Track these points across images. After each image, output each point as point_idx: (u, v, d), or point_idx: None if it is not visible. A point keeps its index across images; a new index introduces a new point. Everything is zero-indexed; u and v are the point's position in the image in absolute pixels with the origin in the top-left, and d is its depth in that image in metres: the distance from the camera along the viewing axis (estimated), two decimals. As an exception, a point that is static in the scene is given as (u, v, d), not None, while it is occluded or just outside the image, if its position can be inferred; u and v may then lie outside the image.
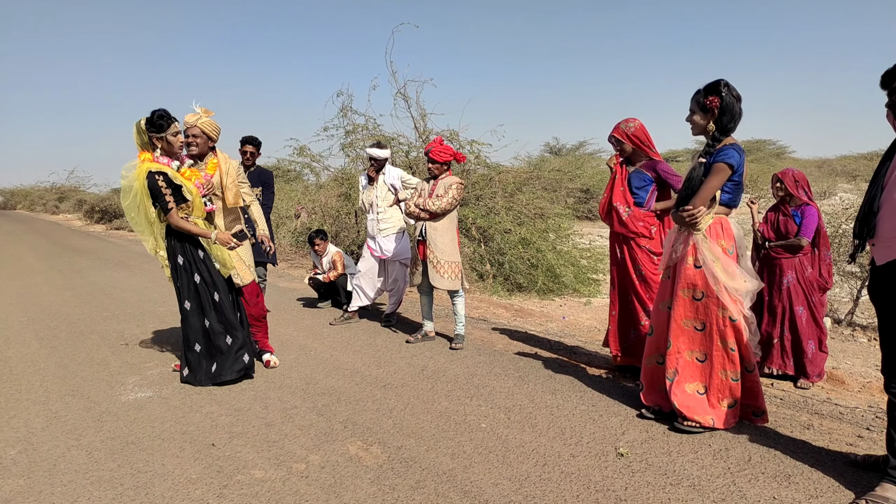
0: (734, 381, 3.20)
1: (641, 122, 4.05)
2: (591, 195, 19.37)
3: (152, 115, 3.92)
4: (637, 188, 4.04)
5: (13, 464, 3.00)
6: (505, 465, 2.91)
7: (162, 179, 3.88)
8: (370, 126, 9.85)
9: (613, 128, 4.09)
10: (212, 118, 4.32)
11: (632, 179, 4.06)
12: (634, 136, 4.01)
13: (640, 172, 4.03)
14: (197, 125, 4.24)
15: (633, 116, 4.07)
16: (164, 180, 3.88)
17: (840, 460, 2.89)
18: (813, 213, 4.21)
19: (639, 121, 4.05)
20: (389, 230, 5.60)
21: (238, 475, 2.85)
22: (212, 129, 4.30)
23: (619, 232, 4.09)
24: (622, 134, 4.04)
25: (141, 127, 3.93)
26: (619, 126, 4.07)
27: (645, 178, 4.02)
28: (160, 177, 3.87)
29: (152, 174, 3.87)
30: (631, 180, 4.06)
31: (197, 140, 4.26)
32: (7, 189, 48.53)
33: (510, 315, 6.65)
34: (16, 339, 5.48)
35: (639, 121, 4.05)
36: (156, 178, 3.87)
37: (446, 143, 5.00)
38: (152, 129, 3.92)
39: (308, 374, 4.37)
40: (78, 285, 8.61)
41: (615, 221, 4.08)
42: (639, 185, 4.03)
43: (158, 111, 3.94)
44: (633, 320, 4.13)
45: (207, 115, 4.29)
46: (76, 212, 30.58)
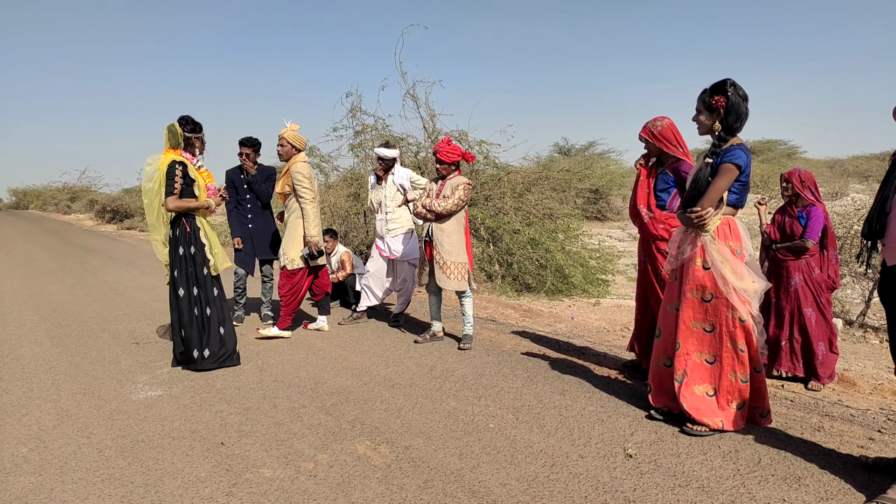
0: (743, 383, 3.18)
1: (671, 121, 3.90)
2: (600, 196, 19.31)
3: (185, 119, 4.49)
4: (660, 190, 3.91)
5: (25, 461, 3.03)
6: (513, 465, 2.91)
7: (180, 169, 4.37)
8: (379, 126, 9.87)
9: (642, 128, 3.99)
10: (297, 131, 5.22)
11: (657, 181, 3.95)
12: (661, 135, 3.86)
13: (665, 174, 3.91)
14: (283, 136, 5.14)
15: (663, 115, 3.93)
16: (181, 170, 4.38)
17: (851, 463, 2.87)
18: (819, 214, 4.17)
19: (668, 119, 3.91)
20: (398, 230, 5.61)
21: (247, 474, 2.87)
22: (296, 140, 5.19)
23: (642, 234, 4.05)
24: (649, 133, 3.90)
25: (176, 128, 4.44)
26: (647, 125, 3.95)
27: (668, 179, 3.89)
28: (179, 166, 4.38)
29: (174, 162, 4.38)
30: (657, 182, 3.96)
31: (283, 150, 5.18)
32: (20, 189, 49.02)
33: (519, 315, 6.64)
34: (28, 338, 5.54)
35: (668, 119, 3.91)
36: (175, 165, 4.37)
37: (455, 144, 5.00)
38: (189, 129, 4.49)
39: (317, 373, 4.39)
40: (89, 284, 8.68)
41: (640, 223, 4.04)
42: (662, 187, 3.91)
43: (185, 117, 4.51)
44: (654, 324, 4.08)
45: (294, 129, 5.20)
46: (88, 212, 30.81)
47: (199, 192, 4.49)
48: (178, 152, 4.44)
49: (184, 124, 4.45)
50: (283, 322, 5.37)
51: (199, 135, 4.53)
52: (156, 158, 4.45)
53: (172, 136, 4.43)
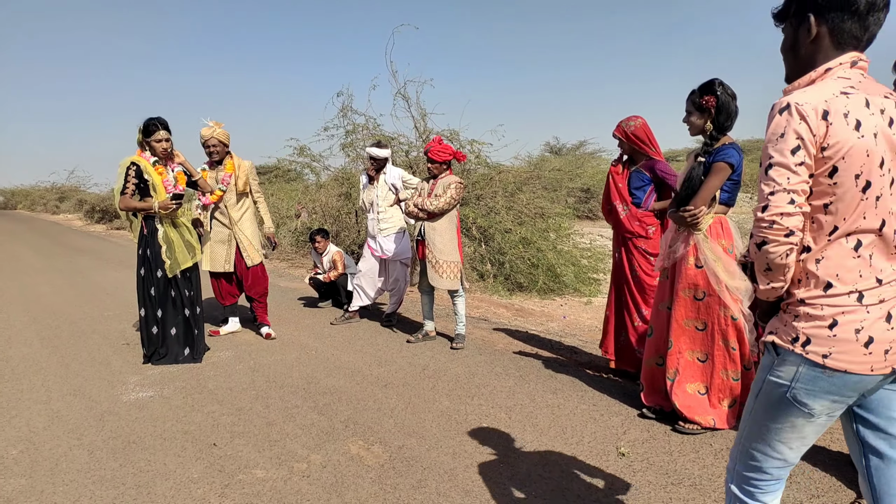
0: (735, 381, 3.20)
1: (644, 121, 3.97)
2: (591, 195, 19.36)
3: (148, 122, 4.50)
4: (635, 188, 3.98)
5: (15, 463, 3.01)
6: (506, 464, 2.91)
7: (133, 170, 4.46)
8: (370, 126, 9.86)
9: (616, 125, 4.04)
10: (223, 128, 5.17)
11: (631, 179, 4.02)
12: (633, 134, 3.92)
13: (640, 172, 3.97)
14: (214, 136, 5.09)
15: (637, 115, 4.01)
16: (134, 171, 4.47)
17: (842, 460, 2.89)
18: None
19: (641, 119, 3.97)
20: (390, 230, 5.60)
21: (240, 474, 2.86)
22: (226, 137, 5.18)
23: (618, 231, 4.08)
24: (622, 132, 3.98)
25: (139, 129, 4.53)
26: (620, 124, 4.02)
27: (643, 177, 3.96)
28: (133, 167, 4.47)
29: (131, 164, 4.48)
30: (631, 180, 4.03)
31: (216, 148, 5.13)
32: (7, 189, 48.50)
33: (511, 315, 6.65)
34: (17, 339, 5.49)
35: (641, 119, 3.97)
36: (130, 167, 4.47)
37: (446, 143, 5.00)
38: (143, 132, 4.53)
39: (309, 373, 4.38)
40: (79, 285, 8.62)
41: (614, 220, 4.07)
42: (637, 185, 3.98)
43: (152, 119, 4.52)
44: (623, 323, 4.11)
45: (220, 127, 5.13)
46: (77, 212, 30.55)
47: (154, 192, 4.51)
48: (139, 153, 4.55)
49: (146, 127, 4.49)
50: (266, 316, 5.55)
51: (149, 139, 4.48)
52: (125, 160, 4.55)
53: (138, 136, 4.56)
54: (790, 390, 1.47)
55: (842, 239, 1.43)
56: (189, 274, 4.74)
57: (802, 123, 1.38)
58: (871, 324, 1.41)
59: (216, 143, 5.11)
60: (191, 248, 4.71)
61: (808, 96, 1.41)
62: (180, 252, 4.62)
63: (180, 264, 4.61)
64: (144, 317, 4.62)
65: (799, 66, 1.54)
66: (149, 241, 4.57)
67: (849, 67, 1.47)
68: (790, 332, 1.48)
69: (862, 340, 1.40)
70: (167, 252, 4.57)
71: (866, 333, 1.40)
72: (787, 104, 1.41)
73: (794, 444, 1.54)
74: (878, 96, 1.43)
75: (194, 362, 4.66)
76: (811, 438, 1.54)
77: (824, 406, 1.46)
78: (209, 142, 5.10)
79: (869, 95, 1.42)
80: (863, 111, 1.40)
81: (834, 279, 1.43)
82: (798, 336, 1.46)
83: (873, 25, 1.45)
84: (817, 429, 1.51)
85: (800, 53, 1.53)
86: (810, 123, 1.38)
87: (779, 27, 1.59)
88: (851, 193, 1.40)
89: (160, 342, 4.66)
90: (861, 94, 1.41)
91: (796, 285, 1.49)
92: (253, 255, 5.31)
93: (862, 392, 1.47)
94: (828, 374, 1.42)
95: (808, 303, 1.46)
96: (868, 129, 1.39)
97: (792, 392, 1.47)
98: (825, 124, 1.38)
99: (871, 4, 1.41)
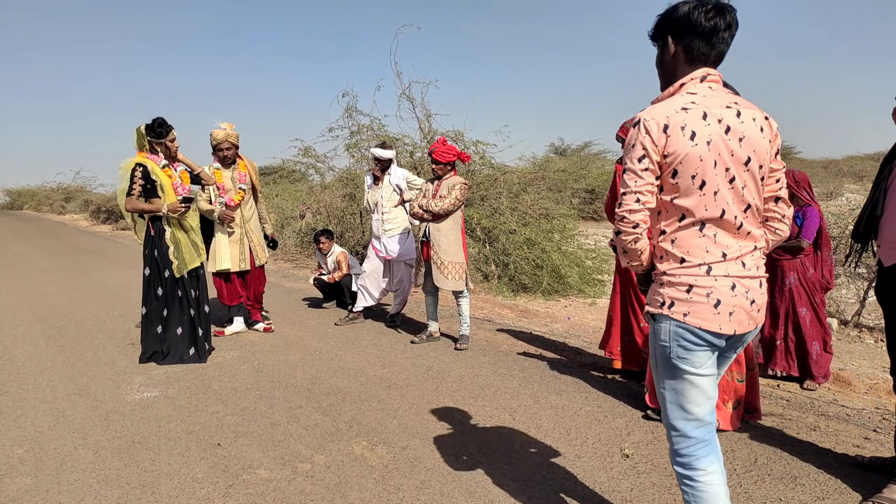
0: (739, 382, 3.19)
1: None
2: (596, 195, 19.31)
3: (153, 123, 4.52)
4: None
5: (20, 462, 3.02)
6: (510, 465, 2.91)
7: (140, 171, 4.46)
8: (375, 127, 9.87)
9: (621, 126, 4.02)
10: (235, 129, 5.27)
11: None
12: None
13: None
14: (228, 139, 5.18)
15: None
16: (141, 172, 4.47)
17: (847, 462, 2.88)
18: (814, 213, 4.18)
19: None
20: (394, 230, 5.60)
21: (243, 475, 2.86)
22: (237, 139, 5.27)
23: None
24: (626, 133, 3.97)
25: (141, 132, 4.52)
26: (624, 124, 4.00)
27: None
28: (140, 168, 4.47)
29: (136, 165, 4.48)
30: None
31: (230, 151, 5.21)
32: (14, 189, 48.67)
33: (515, 315, 6.65)
34: (23, 338, 5.51)
35: None
36: (136, 168, 4.47)
37: (450, 144, 4.99)
38: (152, 135, 4.52)
39: (313, 373, 4.38)
40: (85, 285, 8.65)
41: None
42: None
43: (158, 119, 4.54)
44: (629, 324, 4.09)
45: (232, 128, 5.22)
46: (82, 212, 30.66)
47: (162, 193, 4.54)
48: (143, 154, 4.55)
49: (149, 128, 4.51)
50: (259, 314, 5.70)
51: (161, 140, 4.53)
52: (127, 160, 4.57)
53: (139, 138, 4.54)
54: (670, 349, 1.76)
55: (689, 225, 1.73)
56: (196, 274, 4.77)
57: (647, 136, 1.69)
58: (718, 290, 1.71)
59: (229, 145, 5.19)
60: (197, 249, 4.74)
61: (655, 113, 1.71)
62: (188, 252, 4.65)
63: (188, 264, 4.63)
64: (147, 315, 4.64)
65: (664, 78, 1.87)
66: (156, 242, 4.59)
67: (699, 82, 1.77)
68: (659, 299, 1.78)
69: (711, 302, 1.71)
70: (175, 252, 4.60)
71: (715, 297, 1.71)
72: (639, 120, 1.72)
73: (699, 400, 1.78)
74: (718, 108, 1.71)
75: (199, 362, 4.67)
76: (710, 390, 1.79)
77: (699, 357, 1.75)
78: (222, 144, 5.17)
79: (708, 108, 1.70)
80: (699, 123, 1.68)
81: (686, 255, 1.73)
82: (664, 301, 1.76)
83: (719, 45, 1.75)
84: (709, 381, 1.79)
85: (665, 68, 1.85)
86: (653, 136, 1.69)
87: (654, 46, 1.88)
88: (690, 190, 1.70)
89: (162, 341, 4.67)
90: (700, 108, 1.70)
91: (660, 261, 1.79)
92: (261, 255, 5.47)
93: (719, 347, 1.77)
94: (689, 329, 1.72)
95: (669, 274, 1.76)
96: (702, 139, 1.68)
97: (672, 350, 1.76)
98: (665, 136, 1.68)
99: (713, 28, 1.71)
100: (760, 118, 1.77)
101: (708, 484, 1.78)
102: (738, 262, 1.74)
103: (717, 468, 1.81)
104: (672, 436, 1.84)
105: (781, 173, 1.84)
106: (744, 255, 1.75)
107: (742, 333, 1.77)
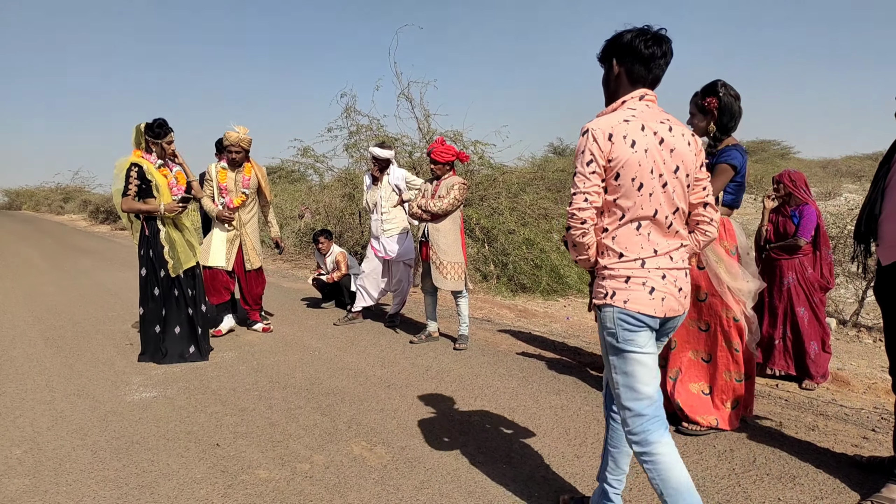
0: (738, 382, 3.20)
1: None
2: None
3: (153, 123, 4.53)
4: None
5: (19, 463, 3.01)
6: (509, 465, 2.91)
7: (136, 170, 4.46)
8: (374, 127, 9.87)
9: None
10: (248, 134, 5.30)
11: None
12: None
13: None
14: (240, 143, 5.22)
15: None
16: (137, 172, 4.47)
17: (845, 461, 2.88)
18: (811, 212, 4.19)
19: None
20: (393, 230, 5.60)
21: (242, 475, 2.86)
22: (249, 144, 5.32)
23: None
24: None
25: (140, 129, 4.53)
26: None
27: None
28: (135, 168, 4.47)
29: (132, 164, 4.48)
30: None
31: (239, 155, 5.26)
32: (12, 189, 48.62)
33: (514, 315, 6.65)
34: (21, 339, 5.51)
35: None
36: (132, 167, 4.46)
37: (449, 144, 5.00)
38: (150, 134, 4.53)
39: (312, 374, 4.38)
40: (83, 285, 8.64)
41: None
42: None
43: (159, 120, 4.56)
44: None
45: (245, 132, 5.26)
46: (81, 212, 30.65)
47: (158, 193, 4.54)
48: (139, 153, 4.54)
49: (148, 127, 4.52)
50: (258, 314, 5.73)
51: (159, 141, 4.53)
52: (122, 159, 4.57)
53: (137, 136, 4.54)
54: (616, 334, 1.97)
55: (628, 222, 1.96)
56: (192, 273, 4.78)
57: (594, 144, 1.92)
58: (652, 280, 1.95)
59: (239, 149, 5.23)
60: (192, 248, 4.76)
61: (601, 123, 1.94)
62: (183, 251, 4.65)
63: (183, 264, 4.64)
64: (144, 315, 4.65)
65: (609, 95, 2.11)
66: (151, 242, 4.59)
67: (637, 100, 2.01)
68: (602, 291, 2.01)
69: (647, 290, 1.94)
70: (170, 252, 4.60)
71: (650, 285, 1.95)
72: (587, 129, 1.95)
73: (646, 378, 1.98)
74: (653, 122, 1.96)
75: (202, 359, 4.70)
76: (654, 368, 2.00)
77: (642, 338, 1.97)
78: (233, 147, 5.21)
79: (645, 122, 1.94)
80: (638, 134, 1.92)
81: (624, 250, 1.96)
82: (607, 292, 1.98)
83: (656, 69, 2.00)
84: (652, 358, 2.00)
85: (609, 86, 2.10)
86: (599, 143, 1.92)
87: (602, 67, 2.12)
88: (630, 191, 1.93)
89: (161, 340, 4.67)
90: (639, 121, 1.94)
91: (602, 256, 2.02)
92: (254, 259, 5.46)
93: (654, 329, 1.99)
94: (630, 314, 1.94)
95: (610, 268, 1.99)
96: (640, 147, 1.92)
97: (618, 335, 1.97)
98: (610, 144, 1.92)
99: (651, 55, 1.96)
100: (688, 134, 2.03)
101: (665, 455, 1.95)
102: (667, 257, 1.98)
103: (669, 439, 1.99)
104: (627, 417, 2.01)
105: (707, 182, 2.08)
106: (671, 251, 2.00)
107: (672, 317, 2.01)
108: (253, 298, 5.57)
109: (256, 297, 5.59)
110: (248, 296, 5.54)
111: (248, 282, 5.48)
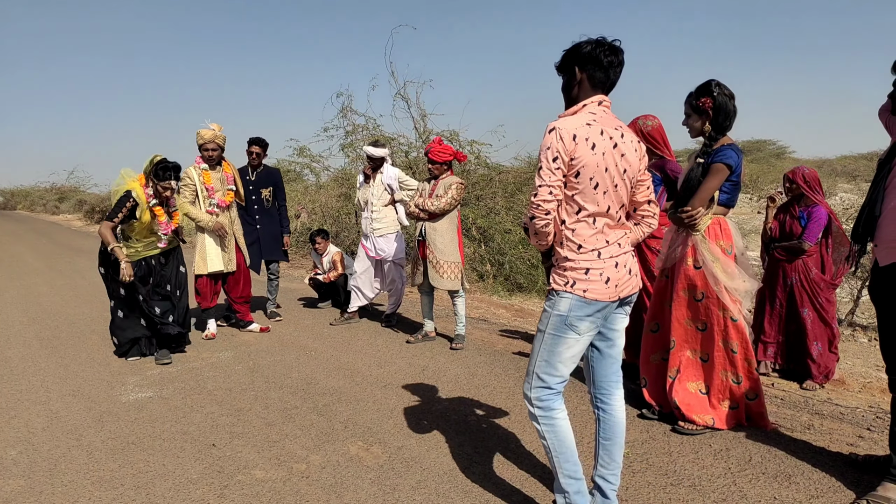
0: (735, 383, 3.20)
1: (660, 122, 3.91)
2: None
3: (163, 162, 4.50)
4: None
5: (14, 464, 3.00)
6: (505, 465, 2.91)
7: (130, 205, 4.44)
8: (370, 126, 9.88)
9: (630, 122, 3.97)
10: (223, 131, 5.26)
11: None
12: (650, 134, 3.87)
13: (651, 172, 3.87)
14: (215, 140, 5.16)
15: (652, 114, 3.92)
16: (130, 206, 4.45)
17: (841, 460, 2.89)
18: (820, 215, 4.12)
19: (658, 119, 3.91)
20: (383, 230, 5.57)
21: (239, 475, 2.86)
22: (224, 141, 5.28)
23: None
24: (638, 130, 3.89)
25: (152, 162, 4.51)
26: (636, 121, 3.91)
27: (654, 177, 3.86)
28: (131, 201, 4.45)
29: (129, 193, 4.46)
30: None
31: (216, 152, 5.19)
32: (7, 189, 48.36)
33: (511, 315, 6.65)
34: (17, 339, 5.49)
35: (658, 119, 3.91)
36: (128, 197, 4.45)
37: (446, 143, 4.99)
38: (156, 171, 4.49)
39: (309, 374, 4.37)
40: (79, 285, 8.62)
41: None
42: None
43: (171, 164, 4.53)
44: (640, 320, 4.08)
45: (220, 130, 5.21)
46: (76, 212, 30.51)
47: (133, 234, 4.59)
48: (142, 180, 4.54)
49: (157, 164, 4.49)
50: (250, 314, 5.74)
51: (162, 184, 4.50)
52: (125, 176, 4.58)
53: (147, 165, 4.53)
54: (567, 319, 2.17)
55: (585, 217, 2.16)
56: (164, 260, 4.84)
57: (561, 142, 2.09)
58: (607, 269, 2.17)
59: (215, 146, 5.17)
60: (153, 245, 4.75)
61: (566, 123, 2.12)
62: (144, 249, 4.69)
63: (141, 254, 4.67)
64: (113, 308, 4.79)
65: (569, 100, 2.29)
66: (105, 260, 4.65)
67: (596, 105, 2.21)
68: (562, 280, 2.19)
69: (603, 279, 2.16)
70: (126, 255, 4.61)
71: (605, 275, 2.16)
72: (554, 127, 2.11)
73: (569, 361, 2.23)
74: (610, 128, 2.16)
75: (183, 330, 4.89)
76: (579, 355, 2.24)
77: (587, 326, 2.19)
78: (208, 145, 5.15)
79: (604, 126, 2.15)
80: (598, 137, 2.12)
81: (583, 242, 2.17)
82: (568, 281, 2.17)
83: (613, 76, 2.22)
84: (582, 346, 2.23)
85: (571, 92, 2.27)
86: (565, 142, 2.09)
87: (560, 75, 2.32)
88: (588, 189, 2.13)
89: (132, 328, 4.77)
90: (599, 126, 2.14)
91: (561, 246, 2.21)
92: (247, 255, 5.53)
93: (606, 315, 2.24)
94: (587, 302, 2.15)
95: (570, 259, 2.18)
96: (599, 150, 2.11)
97: (568, 319, 2.17)
98: (574, 144, 2.09)
99: (610, 63, 2.17)
100: (635, 141, 2.26)
101: (562, 419, 2.25)
102: (615, 245, 2.21)
103: (564, 405, 2.28)
104: (535, 385, 2.25)
105: (649, 181, 2.34)
106: (619, 239, 2.23)
107: (627, 295, 2.26)
108: (246, 295, 5.56)
109: (247, 294, 5.58)
110: (239, 294, 5.51)
111: (241, 280, 5.46)
